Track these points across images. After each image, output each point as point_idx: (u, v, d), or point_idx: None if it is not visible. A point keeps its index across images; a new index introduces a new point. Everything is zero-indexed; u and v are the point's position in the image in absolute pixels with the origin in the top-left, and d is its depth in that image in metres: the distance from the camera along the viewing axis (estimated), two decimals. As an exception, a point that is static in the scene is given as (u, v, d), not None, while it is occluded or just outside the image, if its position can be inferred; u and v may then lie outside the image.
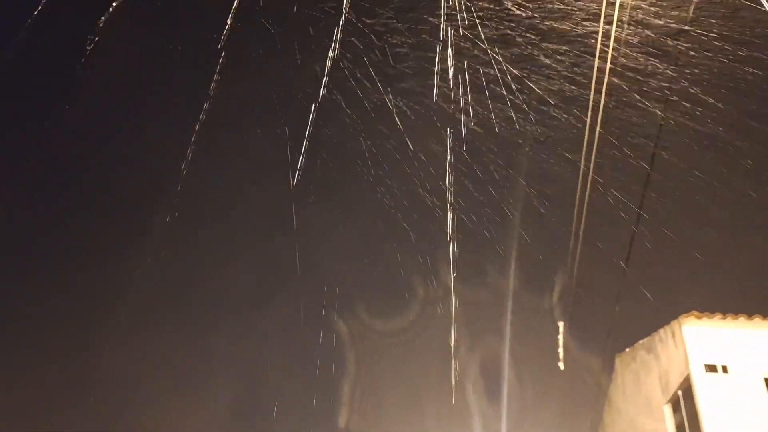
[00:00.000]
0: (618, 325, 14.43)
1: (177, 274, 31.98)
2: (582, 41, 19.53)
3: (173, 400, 30.82)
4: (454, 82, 21.46)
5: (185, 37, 26.64)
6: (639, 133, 19.87)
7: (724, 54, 18.34)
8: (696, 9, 17.79)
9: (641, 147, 19.98)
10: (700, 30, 18.16)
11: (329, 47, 22.06)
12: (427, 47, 21.75)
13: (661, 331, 12.39)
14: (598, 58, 10.35)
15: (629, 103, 19.50)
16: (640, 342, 13.78)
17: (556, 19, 19.84)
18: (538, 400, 22.96)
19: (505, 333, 22.96)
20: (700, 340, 11.07)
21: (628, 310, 15.76)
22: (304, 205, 27.01)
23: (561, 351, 14.79)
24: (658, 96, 19.41)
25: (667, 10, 18.35)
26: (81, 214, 31.92)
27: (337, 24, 21.94)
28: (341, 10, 21.67)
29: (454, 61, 20.96)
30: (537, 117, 20.95)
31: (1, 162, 30.15)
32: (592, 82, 10.24)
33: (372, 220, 27.86)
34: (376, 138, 24.28)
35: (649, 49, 18.67)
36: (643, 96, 19.28)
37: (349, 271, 30.63)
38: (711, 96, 19.03)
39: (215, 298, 32.11)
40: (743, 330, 11.15)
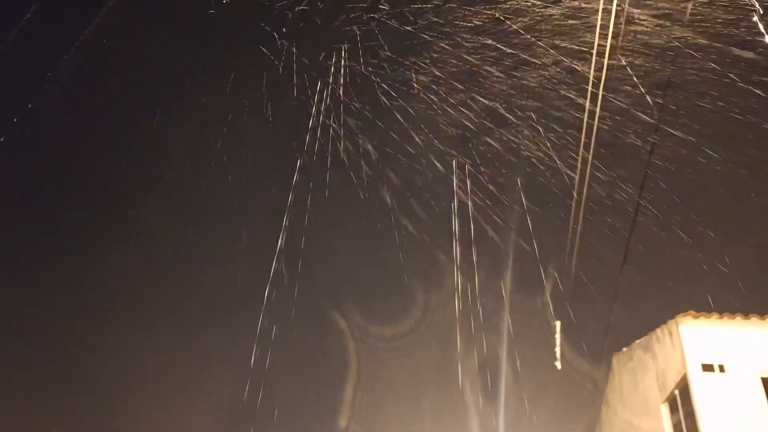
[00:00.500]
0: (615, 325, 14.46)
1: (175, 273, 32.01)
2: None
3: (172, 399, 30.84)
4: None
5: (185, 37, 26.67)
6: (637, 131, 19.95)
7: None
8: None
9: (640, 147, 20.07)
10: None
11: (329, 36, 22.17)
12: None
13: (658, 330, 12.41)
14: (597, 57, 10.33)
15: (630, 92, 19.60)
16: (637, 341, 13.79)
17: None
18: (536, 399, 23.02)
19: (503, 333, 23.01)
20: (697, 339, 11.09)
21: (625, 309, 15.82)
22: (304, 205, 27.05)
23: (558, 350, 14.83)
24: (658, 94, 19.50)
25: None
26: (79, 213, 31.93)
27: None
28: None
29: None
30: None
31: (1, 162, 30.15)
32: (591, 83, 10.27)
33: (372, 221, 27.91)
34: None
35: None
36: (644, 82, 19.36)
37: (349, 271, 30.68)
38: (710, 95, 19.13)
39: (215, 297, 32.13)
40: (740, 329, 11.18)
